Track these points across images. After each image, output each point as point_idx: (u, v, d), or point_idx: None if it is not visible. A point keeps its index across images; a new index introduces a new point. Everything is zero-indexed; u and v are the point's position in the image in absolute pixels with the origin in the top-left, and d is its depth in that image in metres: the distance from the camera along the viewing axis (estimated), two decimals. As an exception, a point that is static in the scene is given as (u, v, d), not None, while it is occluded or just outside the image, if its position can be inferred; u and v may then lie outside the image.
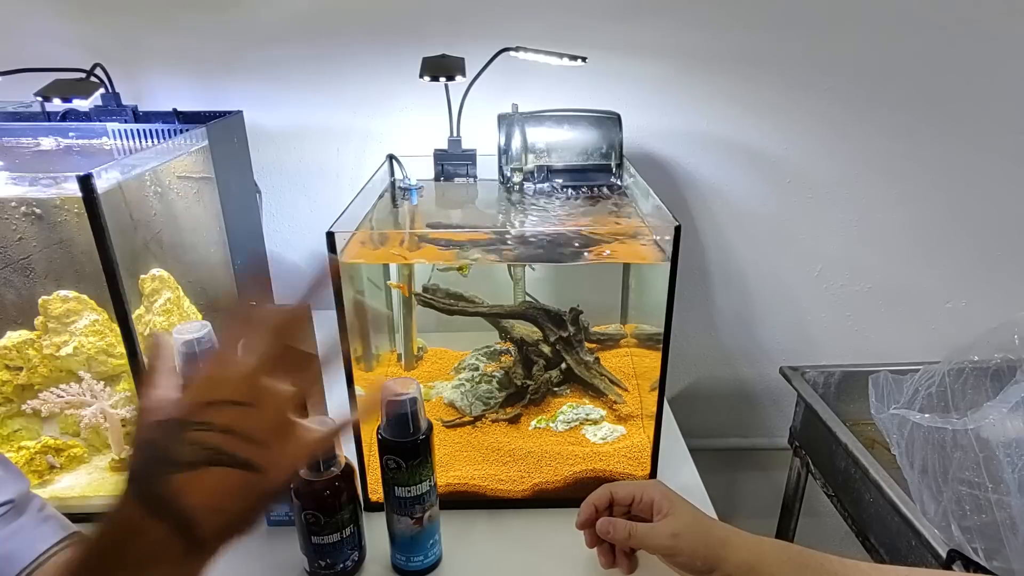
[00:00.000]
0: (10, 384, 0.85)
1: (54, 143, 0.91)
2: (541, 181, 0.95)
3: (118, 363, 0.85)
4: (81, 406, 0.82)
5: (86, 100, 0.87)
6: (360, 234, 0.75)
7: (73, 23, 1.06)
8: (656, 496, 0.63)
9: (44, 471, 0.81)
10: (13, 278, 0.90)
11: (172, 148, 0.84)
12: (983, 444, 0.80)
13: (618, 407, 0.93)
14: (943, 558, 0.73)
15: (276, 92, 1.11)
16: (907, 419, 0.84)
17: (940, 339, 1.28)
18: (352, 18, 1.06)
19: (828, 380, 1.11)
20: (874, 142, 1.14)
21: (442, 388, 0.97)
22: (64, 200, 0.89)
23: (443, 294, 0.97)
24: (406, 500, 0.66)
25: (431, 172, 0.99)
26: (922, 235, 1.21)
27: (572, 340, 0.96)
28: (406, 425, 0.64)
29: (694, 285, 1.25)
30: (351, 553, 0.69)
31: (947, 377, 0.88)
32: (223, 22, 1.06)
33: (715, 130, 1.13)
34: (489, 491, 0.80)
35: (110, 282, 0.67)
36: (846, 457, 0.93)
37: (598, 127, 0.96)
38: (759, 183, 1.17)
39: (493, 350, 1.05)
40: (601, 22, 1.06)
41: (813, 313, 1.27)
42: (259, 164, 1.13)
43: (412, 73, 0.89)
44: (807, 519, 1.21)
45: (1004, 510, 0.77)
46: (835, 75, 1.10)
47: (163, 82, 1.10)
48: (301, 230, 1.21)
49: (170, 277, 0.88)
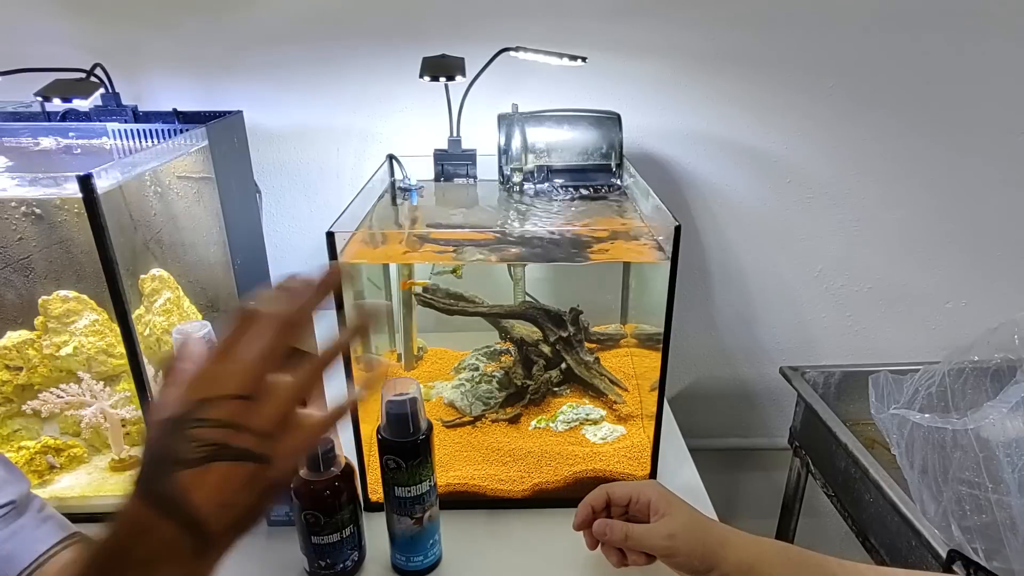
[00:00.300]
0: (10, 384, 0.85)
1: (54, 143, 0.91)
2: (541, 181, 0.95)
3: (118, 363, 0.85)
4: (81, 406, 0.82)
5: (86, 100, 0.87)
6: (360, 234, 0.75)
7: (73, 23, 1.06)
8: (653, 496, 0.63)
9: (44, 471, 0.81)
10: (13, 278, 0.90)
11: (172, 148, 0.84)
12: (983, 444, 0.80)
13: (618, 407, 0.93)
14: (943, 558, 0.73)
15: (276, 92, 1.11)
16: (907, 419, 0.84)
17: (940, 339, 1.28)
18: (352, 18, 1.06)
19: (828, 380, 1.11)
20: (874, 142, 1.14)
21: (442, 388, 0.97)
22: (64, 200, 0.89)
23: (443, 294, 0.97)
24: (406, 500, 0.66)
25: (431, 172, 0.99)
26: (922, 235, 1.21)
27: (572, 340, 0.96)
28: (406, 425, 0.64)
29: (694, 285, 1.25)
30: (351, 553, 0.69)
31: (947, 377, 0.88)
32: (223, 22, 1.06)
33: (715, 130, 1.13)
34: (489, 491, 0.80)
35: (110, 282, 0.67)
36: (846, 457, 0.93)
37: (598, 127, 0.96)
38: (759, 183, 1.17)
39: (493, 350, 1.05)
40: (601, 22, 1.06)
41: (813, 313, 1.27)
42: (259, 164, 1.13)
43: (412, 73, 0.89)
44: (807, 519, 1.21)
45: (1004, 510, 0.77)
46: (836, 75, 1.10)
47: (163, 82, 1.10)
48: (301, 230, 1.21)
49: (170, 277, 0.88)
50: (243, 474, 0.36)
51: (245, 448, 0.37)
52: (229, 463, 0.36)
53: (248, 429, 0.37)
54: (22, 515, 0.54)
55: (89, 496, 0.78)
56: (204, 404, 0.37)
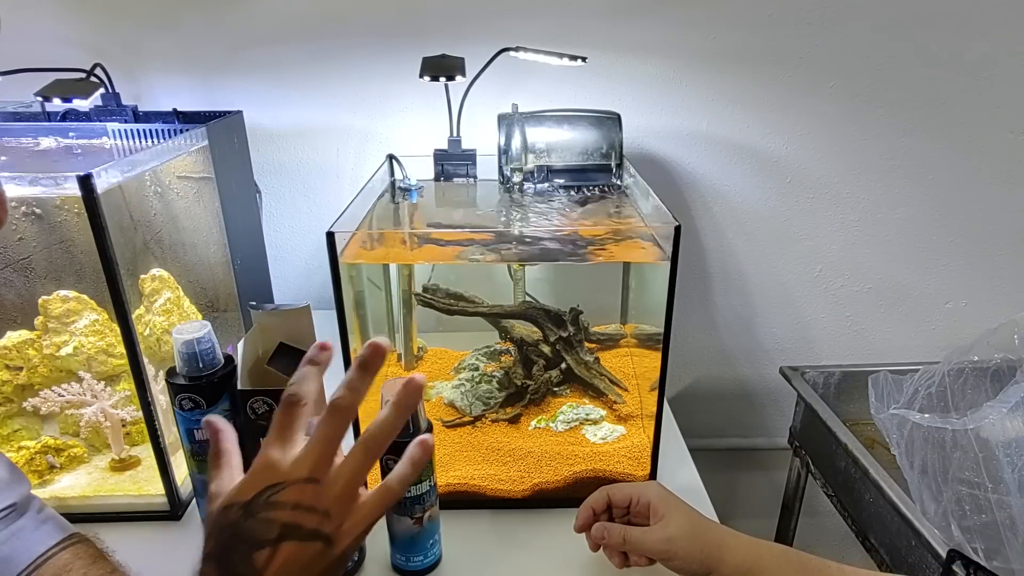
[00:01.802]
0: (10, 384, 0.85)
1: (54, 143, 0.91)
2: (541, 181, 0.95)
3: (118, 363, 0.85)
4: (81, 406, 0.82)
5: (86, 100, 0.87)
6: (360, 234, 0.75)
7: (73, 23, 1.06)
8: (653, 498, 0.63)
9: (44, 471, 0.81)
10: (13, 278, 0.90)
11: (172, 148, 0.84)
12: (983, 444, 0.80)
13: (618, 407, 0.93)
14: (943, 558, 0.73)
15: (276, 92, 1.11)
16: (907, 419, 0.84)
17: (940, 339, 1.28)
18: (352, 18, 1.06)
19: (828, 380, 1.11)
20: (874, 142, 1.14)
21: (442, 388, 0.97)
22: (64, 200, 0.89)
23: (443, 294, 0.97)
24: (406, 500, 0.66)
25: (431, 172, 0.99)
26: (922, 235, 1.21)
27: (572, 340, 0.96)
28: (406, 425, 0.64)
29: (694, 285, 1.25)
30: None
31: (947, 377, 0.88)
32: (223, 22, 1.06)
33: (715, 130, 1.13)
34: (489, 491, 0.80)
35: (110, 282, 0.67)
36: (846, 457, 0.93)
37: (598, 127, 0.96)
38: (759, 183, 1.17)
39: (493, 350, 1.05)
40: (601, 22, 1.06)
41: (813, 313, 1.27)
42: (259, 164, 1.13)
43: (412, 73, 0.89)
44: (807, 519, 1.21)
45: (1004, 510, 0.77)
46: (836, 75, 1.10)
47: (163, 82, 1.10)
48: (301, 230, 1.21)
49: (170, 277, 0.88)
50: (311, 552, 0.39)
51: (314, 528, 0.40)
52: (299, 542, 0.39)
53: (316, 510, 0.40)
54: (22, 516, 0.54)
55: (89, 496, 0.78)
56: (276, 487, 0.40)
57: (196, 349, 0.66)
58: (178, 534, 0.76)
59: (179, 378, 0.67)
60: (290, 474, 0.41)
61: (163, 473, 0.75)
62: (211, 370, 0.67)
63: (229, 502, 0.40)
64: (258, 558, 0.38)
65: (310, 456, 0.41)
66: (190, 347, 0.66)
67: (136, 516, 0.77)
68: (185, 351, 0.66)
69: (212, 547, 0.39)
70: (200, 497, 0.74)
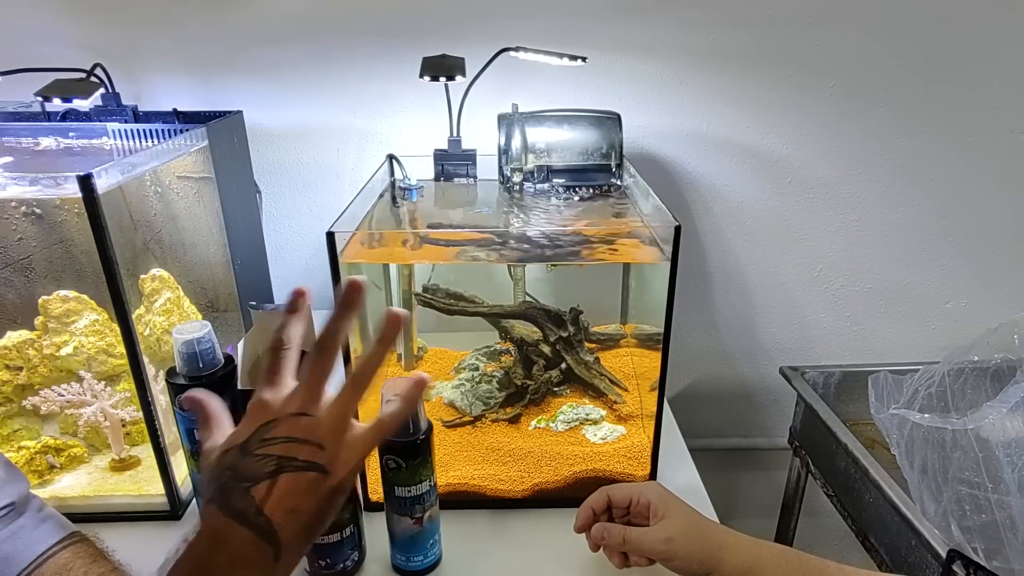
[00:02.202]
0: (10, 384, 0.85)
1: (54, 143, 0.91)
2: (541, 181, 0.95)
3: (118, 363, 0.85)
4: (81, 406, 0.82)
5: (86, 100, 0.87)
6: (360, 234, 0.75)
7: (73, 23, 1.06)
8: (653, 499, 0.63)
9: (44, 471, 0.81)
10: (13, 278, 0.90)
11: (172, 148, 0.84)
12: (983, 444, 0.80)
13: (618, 407, 0.93)
14: (943, 558, 0.73)
15: (276, 92, 1.11)
16: (907, 419, 0.84)
17: (940, 339, 1.28)
18: (352, 18, 1.06)
19: (828, 380, 1.11)
20: (874, 142, 1.14)
21: (442, 388, 0.97)
22: (64, 200, 0.89)
23: (443, 294, 0.97)
24: (406, 500, 0.66)
25: (431, 172, 0.99)
26: (922, 235, 1.21)
27: (572, 340, 0.96)
28: (406, 425, 0.64)
29: (694, 285, 1.25)
30: (351, 553, 0.69)
31: (947, 377, 0.88)
32: (223, 22, 1.06)
33: (715, 130, 1.13)
34: (489, 491, 0.80)
35: (110, 282, 0.67)
36: (846, 457, 0.93)
37: (598, 127, 0.96)
38: (759, 183, 1.17)
39: (493, 350, 1.05)
40: (601, 22, 1.06)
41: (813, 313, 1.27)
42: (259, 164, 1.13)
43: (412, 73, 0.89)
44: (807, 519, 1.21)
45: (1004, 510, 0.77)
46: (836, 75, 1.09)
47: (163, 82, 1.10)
48: (301, 230, 1.21)
49: (170, 277, 0.88)
50: (307, 483, 0.40)
51: (308, 459, 0.41)
52: (294, 474, 0.40)
53: (309, 442, 0.41)
54: (21, 515, 0.54)
55: (89, 496, 0.78)
56: (268, 425, 0.41)
57: (196, 349, 0.66)
58: (178, 534, 0.76)
59: (179, 378, 0.67)
60: (282, 410, 0.42)
61: (163, 473, 0.75)
62: (211, 370, 0.67)
63: (226, 447, 0.42)
64: (256, 493, 0.39)
65: (300, 392, 0.43)
66: (190, 347, 0.66)
67: (136, 516, 0.77)
68: (185, 351, 0.66)
69: (213, 491, 0.40)
70: (200, 497, 0.75)
